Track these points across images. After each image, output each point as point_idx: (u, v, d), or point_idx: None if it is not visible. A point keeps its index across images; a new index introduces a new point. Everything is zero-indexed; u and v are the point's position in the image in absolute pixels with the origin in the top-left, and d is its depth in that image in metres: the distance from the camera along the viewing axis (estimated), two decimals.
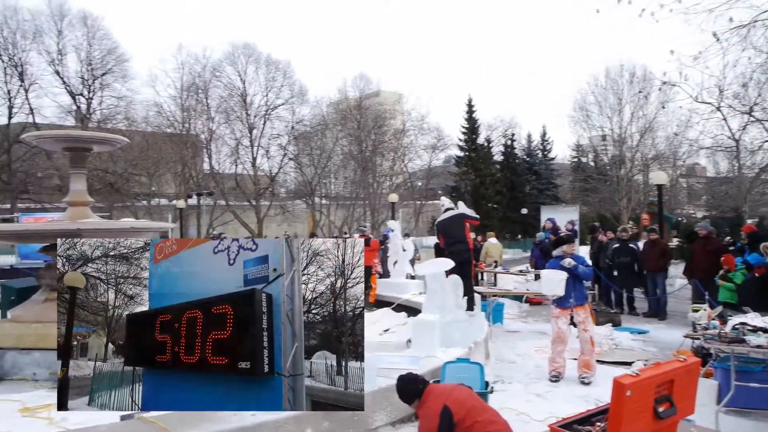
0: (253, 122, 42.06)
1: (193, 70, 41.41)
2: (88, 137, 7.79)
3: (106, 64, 39.54)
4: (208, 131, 41.80)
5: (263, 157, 43.06)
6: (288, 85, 43.13)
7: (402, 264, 12.39)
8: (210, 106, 41.57)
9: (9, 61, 37.20)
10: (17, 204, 37.25)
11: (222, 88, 41.96)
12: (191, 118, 41.66)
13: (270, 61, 42.78)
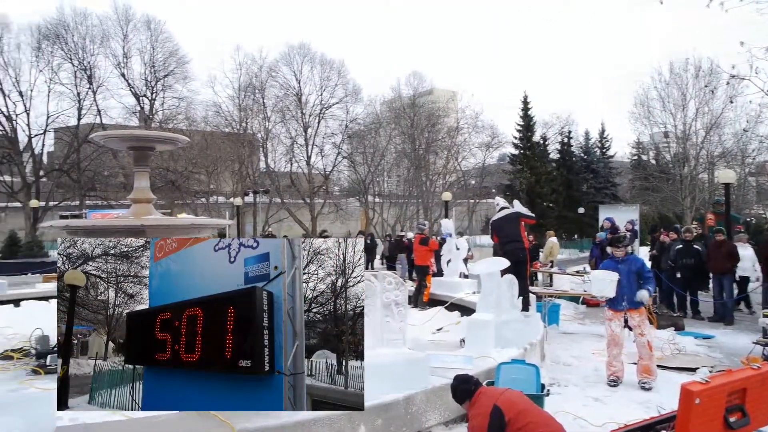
0: (307, 121, 42.65)
1: (250, 70, 42.36)
2: (151, 137, 8.06)
3: (168, 66, 40.94)
4: (265, 130, 42.63)
5: (317, 155, 43.66)
6: (342, 84, 43.55)
7: (455, 263, 12.26)
8: (266, 105, 42.41)
9: (79, 65, 39.00)
10: (85, 201, 39.05)
11: (278, 87, 42.75)
12: (248, 117, 42.59)
13: (324, 61, 43.29)
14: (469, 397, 4.10)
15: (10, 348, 7.86)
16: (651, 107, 38.07)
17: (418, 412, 4.65)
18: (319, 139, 43.25)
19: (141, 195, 7.73)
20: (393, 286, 4.74)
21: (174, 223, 7.89)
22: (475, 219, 46.61)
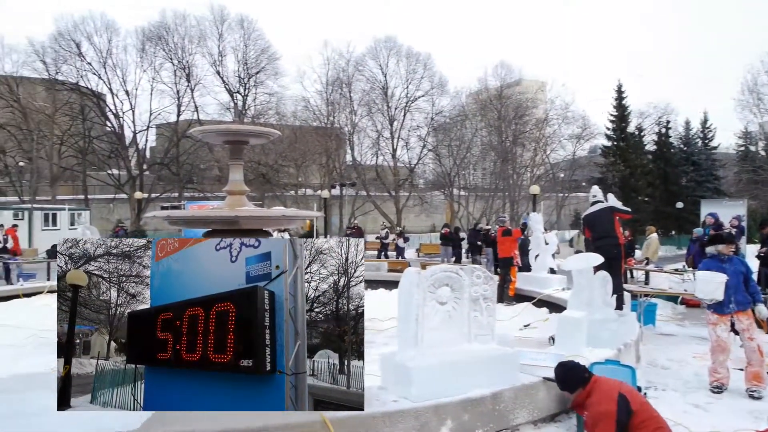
0: (393, 114, 42.91)
1: (338, 65, 43.11)
2: (245, 131, 8.37)
3: (259, 63, 42.46)
4: (351, 124, 43.31)
5: (403, 148, 43.89)
6: (428, 76, 43.46)
7: (544, 258, 11.92)
8: (353, 99, 43.06)
9: (178, 64, 41.23)
10: (183, 193, 41.29)
11: (364, 81, 43.28)
12: (335, 111, 43.41)
13: (410, 54, 43.34)
14: (582, 384, 4.04)
15: None
16: (761, 93, 35.34)
17: (506, 410, 4.55)
18: (404, 132, 43.49)
19: (235, 187, 8.03)
20: (482, 280, 4.66)
21: (266, 214, 8.16)
22: (563, 213, 45.16)
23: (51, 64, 39.67)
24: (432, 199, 45.20)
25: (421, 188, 46.84)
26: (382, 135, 43.27)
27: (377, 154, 43.73)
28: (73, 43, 39.58)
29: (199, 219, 8.07)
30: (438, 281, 4.53)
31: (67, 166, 43.09)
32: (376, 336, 8.35)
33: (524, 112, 42.75)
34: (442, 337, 4.53)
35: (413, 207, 43.60)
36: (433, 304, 4.50)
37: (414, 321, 4.38)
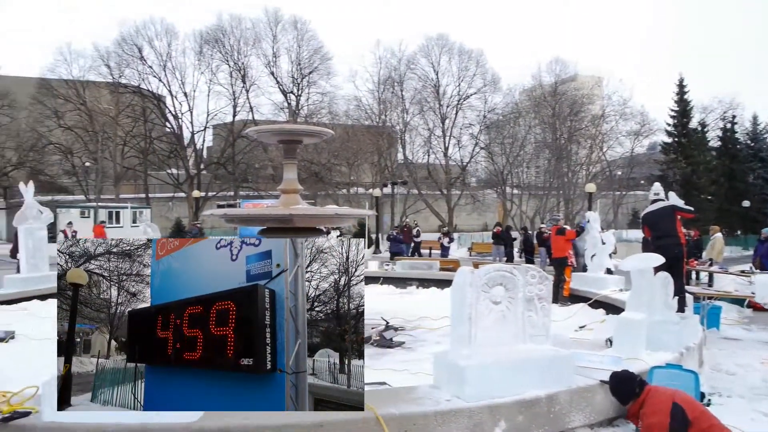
0: (445, 112, 42.70)
1: (390, 64, 43.21)
2: (299, 130, 8.51)
3: (312, 63, 43.05)
4: (403, 122, 43.34)
5: (455, 146, 43.62)
6: (480, 74, 43.04)
7: (600, 258, 11.61)
8: (405, 98, 43.08)
9: (234, 66, 42.24)
10: (239, 191, 42.30)
11: (416, 80, 43.21)
12: (387, 110, 43.54)
13: (463, 51, 43.03)
14: (636, 395, 3.93)
15: None
16: None
17: (562, 412, 4.46)
18: (456, 130, 43.22)
19: (289, 186, 8.16)
20: (537, 280, 4.58)
21: (319, 212, 8.26)
22: (620, 212, 43.87)
23: (115, 68, 41.43)
24: (484, 197, 44.74)
25: (473, 186, 46.43)
26: (433, 133, 43.15)
27: (429, 152, 43.64)
28: (135, 47, 41.14)
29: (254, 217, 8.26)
30: (492, 280, 4.48)
31: (129, 166, 44.85)
32: (428, 334, 8.34)
33: (580, 108, 41.72)
34: (495, 336, 4.48)
35: (465, 205, 43.27)
36: (486, 303, 4.45)
37: (467, 320, 4.34)
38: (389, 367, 6.37)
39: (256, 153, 42.28)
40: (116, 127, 41.70)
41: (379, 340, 7.73)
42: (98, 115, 41.04)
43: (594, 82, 45.08)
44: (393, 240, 22.09)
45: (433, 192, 43.21)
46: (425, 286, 12.57)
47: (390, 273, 13.38)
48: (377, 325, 8.55)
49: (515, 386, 4.31)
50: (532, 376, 4.40)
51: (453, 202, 42.07)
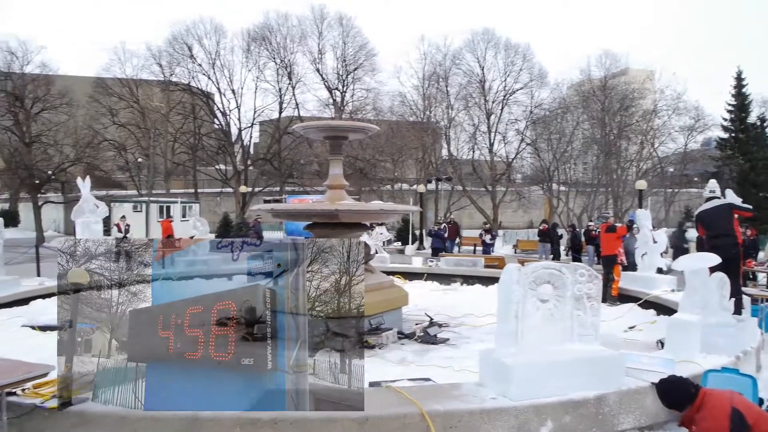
0: (491, 108, 42.19)
1: (434, 59, 42.94)
2: (345, 126, 8.56)
3: (357, 59, 43.20)
4: (448, 118, 43.03)
5: (500, 142, 43.05)
6: (527, 68, 42.35)
7: (652, 257, 11.29)
8: (450, 93, 42.72)
9: (280, 63, 42.80)
10: (284, 187, 42.89)
11: (461, 75, 42.82)
12: (432, 106, 43.31)
13: (509, 45, 42.39)
14: (690, 401, 3.82)
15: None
16: None
17: (611, 414, 4.36)
18: (502, 126, 42.63)
19: (335, 181, 8.23)
20: (586, 278, 4.48)
21: (364, 208, 8.30)
22: (672, 210, 42.48)
23: (166, 66, 42.53)
24: (530, 194, 44.04)
25: (518, 183, 45.76)
26: (478, 129, 42.67)
27: (474, 148, 43.15)
28: (185, 46, 42.14)
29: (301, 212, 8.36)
30: (539, 278, 4.41)
31: (179, 162, 46.05)
32: (472, 332, 8.29)
33: (630, 103, 40.50)
34: (542, 335, 4.41)
35: (510, 202, 42.69)
36: (533, 302, 4.39)
37: (513, 318, 4.30)
38: (433, 363, 6.37)
39: (302, 149, 42.75)
40: (167, 124, 42.84)
41: (423, 336, 7.73)
42: (150, 113, 42.25)
43: (645, 76, 43.67)
44: (434, 236, 21.95)
45: (478, 188, 42.79)
46: (469, 283, 12.49)
47: (434, 269, 13.35)
48: (421, 322, 8.55)
49: (562, 386, 4.24)
50: (580, 377, 4.32)
51: (498, 198, 41.56)
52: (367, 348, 7.03)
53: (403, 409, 3.81)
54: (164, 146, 43.68)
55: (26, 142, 37.15)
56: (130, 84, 42.67)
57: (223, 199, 45.29)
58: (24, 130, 37.49)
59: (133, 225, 21.09)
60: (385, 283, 8.16)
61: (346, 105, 42.55)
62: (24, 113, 37.67)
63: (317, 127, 8.61)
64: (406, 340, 7.70)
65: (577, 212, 39.91)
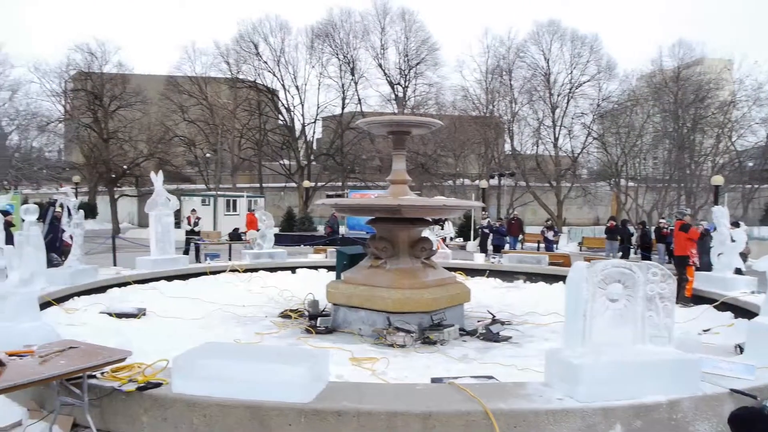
0: (556, 101, 41.14)
1: (498, 52, 42.28)
2: (409, 121, 8.55)
3: (420, 54, 43.09)
4: (511, 112, 42.29)
5: (565, 137, 41.89)
6: (594, 60, 41.02)
7: (729, 256, 10.69)
8: (513, 87, 41.96)
9: (343, 59, 43.22)
10: (347, 182, 43.34)
11: (525, 68, 41.95)
12: (495, 100, 42.68)
13: (576, 37, 41.18)
14: None
15: (288, 308, 9.08)
16: None
17: (684, 420, 4.16)
18: (567, 120, 41.46)
19: (398, 176, 8.24)
20: (659, 278, 4.30)
21: (427, 203, 8.28)
22: (752, 207, 40.20)
23: (233, 64, 43.73)
24: (596, 190, 42.71)
25: (584, 179, 44.48)
26: (543, 123, 41.69)
27: (538, 143, 42.23)
28: (252, 44, 43.19)
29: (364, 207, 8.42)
30: (609, 277, 4.26)
31: (245, 157, 47.33)
32: (536, 330, 8.13)
33: (706, 94, 38.51)
34: (612, 335, 4.26)
35: (575, 198, 41.52)
36: (602, 301, 4.24)
37: (582, 317, 4.17)
38: (496, 361, 6.29)
39: (364, 144, 43.07)
40: (234, 120, 44.07)
41: (485, 333, 7.64)
42: (218, 109, 43.57)
43: (723, 66, 41.42)
44: (495, 232, 21.58)
45: (542, 184, 41.88)
46: (533, 280, 12.25)
47: (496, 266, 13.16)
48: (483, 319, 8.46)
49: (632, 389, 4.09)
50: (652, 380, 4.15)
51: (562, 194, 40.53)
52: (429, 344, 7.02)
53: (467, 407, 3.77)
54: (231, 142, 44.97)
55: (104, 138, 39.08)
56: (199, 82, 44.13)
57: (286, 193, 46.21)
58: (102, 127, 39.45)
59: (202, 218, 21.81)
60: (447, 279, 8.11)
61: (408, 100, 42.52)
62: (102, 111, 39.63)
63: (381, 123, 8.63)
64: (468, 337, 7.63)
65: (647, 209, 38.42)
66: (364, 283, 7.71)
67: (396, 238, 7.87)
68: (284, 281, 11.53)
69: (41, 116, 39.45)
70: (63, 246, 12.34)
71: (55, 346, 4.23)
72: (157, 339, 6.56)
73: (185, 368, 4.00)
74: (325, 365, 4.26)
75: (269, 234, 13.63)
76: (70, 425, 4.17)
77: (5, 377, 3.41)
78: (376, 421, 3.67)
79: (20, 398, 4.55)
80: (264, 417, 3.76)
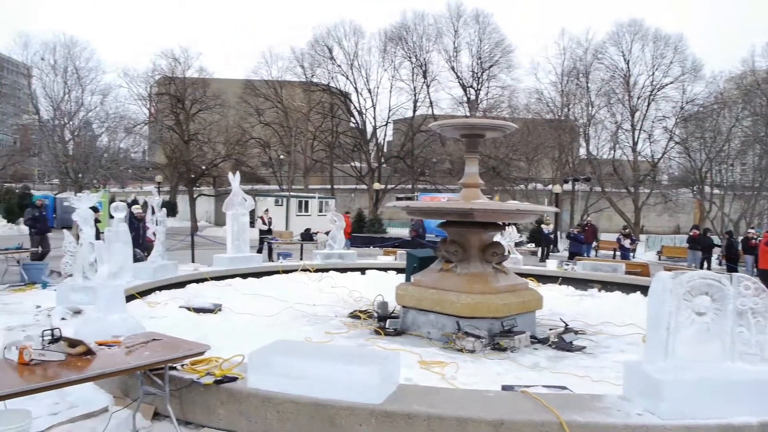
0: (635, 104, 39.59)
1: (575, 54, 41.20)
2: (483, 124, 8.44)
3: (493, 56, 42.66)
4: (587, 116, 41.05)
5: (645, 141, 40.23)
6: (678, 61, 39.21)
7: None
8: (590, 89, 40.74)
9: (416, 62, 43.34)
10: (417, 185, 43.39)
11: (603, 70, 40.64)
12: (570, 103, 41.57)
13: (658, 37, 39.53)
14: None
15: (358, 309, 9.16)
16: None
17: None
18: (647, 124, 39.81)
19: (470, 180, 8.14)
20: (751, 291, 4.03)
21: (500, 207, 8.14)
22: None
23: (308, 68, 44.81)
24: (677, 197, 40.75)
25: (664, 185, 42.54)
26: (621, 127, 40.19)
27: (615, 147, 40.76)
28: (326, 48, 44.09)
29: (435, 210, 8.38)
30: (695, 289, 4.03)
31: (317, 159, 48.31)
32: (612, 341, 7.83)
33: None
34: (697, 351, 4.03)
35: (654, 205, 39.75)
36: (688, 314, 4.02)
37: (665, 330, 3.97)
38: (569, 371, 6.09)
39: (434, 147, 43.00)
40: (307, 122, 45.08)
41: (557, 342, 7.43)
42: (292, 112, 44.69)
43: None
44: (573, 239, 21.08)
45: (619, 190, 40.39)
46: (608, 289, 11.81)
47: (569, 273, 12.78)
48: (555, 327, 8.22)
49: (719, 408, 3.85)
50: (742, 400, 3.89)
51: (640, 201, 38.91)
52: (499, 350, 6.89)
53: (540, 417, 3.66)
54: (304, 144, 46.00)
55: (185, 140, 40.88)
56: (275, 85, 45.42)
57: (357, 195, 46.77)
58: (183, 129, 41.29)
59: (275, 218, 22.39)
60: (518, 285, 7.94)
61: (480, 103, 42.12)
62: (184, 114, 41.48)
63: (454, 125, 8.57)
64: (540, 345, 7.44)
65: (733, 218, 36.30)
66: (434, 287, 7.66)
67: (467, 242, 7.79)
68: (354, 282, 11.64)
69: (128, 119, 41.84)
70: (146, 242, 12.99)
71: (140, 337, 4.44)
72: (232, 334, 6.76)
73: (260, 364, 4.10)
74: (396, 367, 4.26)
75: (340, 235, 13.82)
76: (151, 414, 4.37)
77: (95, 365, 3.61)
78: (446, 427, 3.64)
79: (107, 386, 4.81)
80: (335, 416, 3.80)
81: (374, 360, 4.12)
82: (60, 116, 39.80)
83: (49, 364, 3.52)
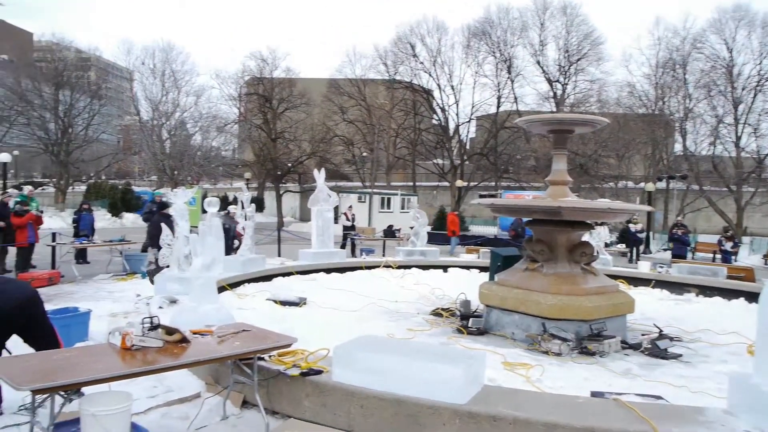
0: (740, 96, 36.93)
1: (671, 44, 39.02)
2: (572, 119, 8.14)
3: (581, 49, 41.17)
4: (684, 109, 38.76)
5: (750, 135, 37.41)
6: None
7: None
8: (687, 81, 38.42)
9: (500, 57, 42.58)
10: (500, 182, 42.65)
11: (703, 60, 38.20)
12: (665, 96, 39.42)
13: (767, 23, 36.64)
14: None
15: (440, 307, 9.09)
16: None
17: None
18: (753, 117, 36.99)
19: (558, 177, 7.88)
20: None
21: (590, 206, 7.82)
22: None
23: (391, 66, 45.06)
24: None
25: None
26: (722, 120, 37.61)
27: (715, 143, 38.23)
28: (408, 45, 44.17)
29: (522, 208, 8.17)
30: None
31: (400, 156, 48.55)
32: (711, 350, 7.33)
33: None
34: None
35: (760, 205, 36.95)
36: None
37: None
38: (664, 380, 5.76)
39: (519, 144, 42.11)
40: (390, 120, 45.38)
41: (650, 348, 7.05)
42: (375, 110, 45.14)
43: None
44: (677, 240, 19.71)
45: (719, 188, 37.87)
46: (707, 294, 11.09)
47: (664, 276, 12.11)
48: (648, 332, 7.81)
49: None
50: None
51: (744, 200, 36.30)
52: (587, 354, 6.63)
53: (634, 427, 3.47)
54: (387, 141, 46.36)
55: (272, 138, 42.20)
56: (358, 83, 46.04)
57: (439, 192, 46.58)
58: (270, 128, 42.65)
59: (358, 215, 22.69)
60: (608, 287, 7.60)
61: (566, 97, 40.79)
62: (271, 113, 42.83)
63: (542, 121, 8.31)
64: (631, 350, 7.08)
65: None
66: (519, 286, 7.48)
67: (554, 241, 7.54)
68: (436, 279, 11.58)
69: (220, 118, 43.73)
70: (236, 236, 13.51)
71: (230, 327, 4.60)
72: (316, 328, 6.89)
73: (344, 358, 4.14)
74: (482, 368, 4.18)
75: (423, 232, 13.79)
76: (240, 402, 4.52)
77: (190, 353, 3.77)
78: (532, 431, 3.53)
79: (199, 373, 5.03)
80: (418, 414, 3.78)
81: (460, 359, 4.05)
82: (158, 117, 42.27)
83: (148, 350, 3.71)
